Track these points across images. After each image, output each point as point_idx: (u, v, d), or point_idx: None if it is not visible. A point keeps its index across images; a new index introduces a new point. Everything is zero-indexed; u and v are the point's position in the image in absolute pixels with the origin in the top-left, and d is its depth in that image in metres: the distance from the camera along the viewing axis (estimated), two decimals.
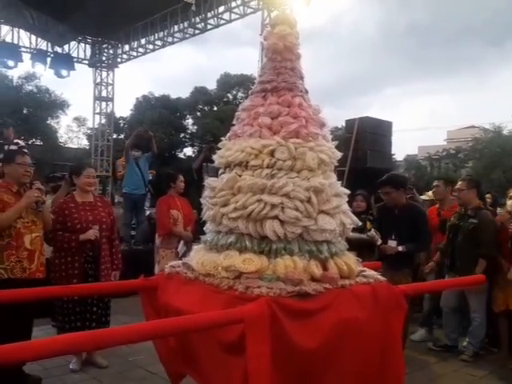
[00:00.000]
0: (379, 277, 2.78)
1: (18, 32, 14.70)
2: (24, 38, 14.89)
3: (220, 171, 2.94)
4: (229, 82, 31.58)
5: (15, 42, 14.60)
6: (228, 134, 3.00)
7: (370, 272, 2.83)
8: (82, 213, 3.95)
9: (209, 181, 2.92)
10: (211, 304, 2.41)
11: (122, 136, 28.52)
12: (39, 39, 15.07)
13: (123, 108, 43.74)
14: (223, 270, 2.56)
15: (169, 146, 28.36)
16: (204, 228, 2.96)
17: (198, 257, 2.79)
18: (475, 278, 3.37)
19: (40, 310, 3.90)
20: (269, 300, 2.22)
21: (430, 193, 6.07)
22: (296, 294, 2.36)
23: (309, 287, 2.41)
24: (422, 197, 6.47)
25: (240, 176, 2.73)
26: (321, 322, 2.32)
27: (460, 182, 4.74)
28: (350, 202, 3.08)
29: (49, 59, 14.95)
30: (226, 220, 2.68)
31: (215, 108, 31.67)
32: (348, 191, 2.90)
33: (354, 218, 2.88)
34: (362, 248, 5.06)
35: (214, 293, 2.50)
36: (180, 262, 2.97)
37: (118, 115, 29.07)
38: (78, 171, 4.07)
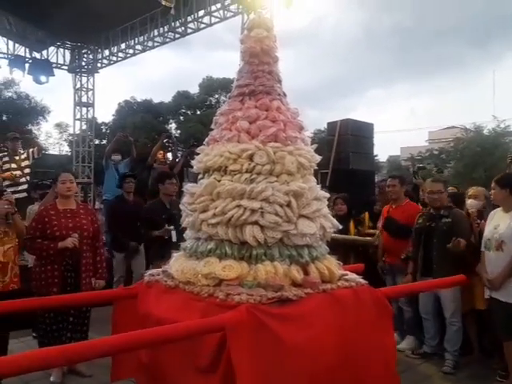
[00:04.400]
0: (361, 280, 2.77)
1: None
2: (1, 43, 14.70)
3: (199, 176, 2.90)
4: (211, 86, 31.56)
5: None
6: (206, 139, 2.97)
7: (351, 275, 2.82)
8: (63, 220, 3.87)
9: (187, 186, 2.88)
10: (191, 312, 2.37)
11: (104, 142, 28.30)
12: (17, 45, 14.86)
13: (105, 113, 43.36)
14: (203, 278, 2.53)
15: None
16: (184, 235, 2.92)
17: (178, 264, 2.74)
18: (456, 279, 3.38)
19: (20, 321, 3.80)
20: (249, 307, 2.19)
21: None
22: (277, 300, 2.33)
23: (290, 293, 2.38)
24: None
25: (219, 181, 2.70)
26: (302, 328, 2.29)
27: (435, 184, 4.59)
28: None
29: (27, 65, 14.71)
30: (206, 226, 2.65)
31: (198, 112, 31.62)
32: (328, 195, 2.89)
33: (335, 221, 2.87)
34: (348, 249, 5.08)
35: (194, 301, 2.46)
36: (160, 269, 2.92)
37: (99, 121, 28.87)
38: (55, 178, 4.01)
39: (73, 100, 16.33)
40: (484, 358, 4.51)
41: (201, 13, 11.99)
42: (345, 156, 9.40)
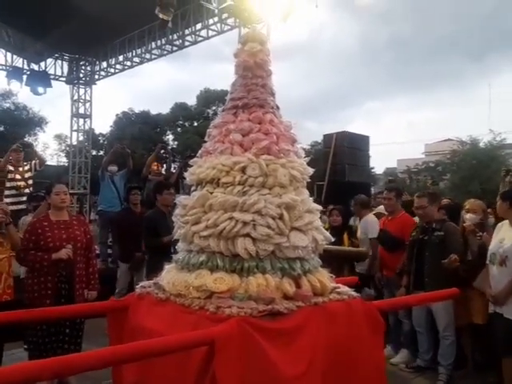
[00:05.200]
0: (353, 293, 2.76)
1: None
2: None
3: (192, 188, 2.91)
4: (209, 98, 31.73)
5: None
6: (199, 151, 2.98)
7: (343, 288, 2.81)
8: (56, 231, 3.86)
9: (180, 198, 2.88)
10: (182, 325, 2.36)
11: (101, 152, 28.32)
12: (15, 56, 14.91)
13: (103, 124, 43.45)
14: (194, 290, 2.51)
15: None
16: (176, 247, 2.91)
17: (169, 276, 2.73)
18: (449, 292, 3.36)
19: (12, 333, 3.77)
20: (239, 320, 2.18)
21: (381, 207, 6.01)
22: (268, 313, 2.32)
23: (281, 306, 2.37)
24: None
25: (211, 193, 2.70)
26: (293, 341, 2.28)
27: (419, 199, 4.61)
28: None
29: (25, 76, 14.75)
30: (198, 238, 2.65)
31: (195, 123, 31.75)
32: (320, 207, 2.89)
33: (327, 233, 2.87)
34: (342, 262, 5.06)
35: (185, 313, 2.45)
36: (151, 282, 2.91)
37: (97, 132, 28.98)
38: (49, 190, 4.00)
39: (70, 111, 16.37)
40: (478, 372, 4.48)
41: (198, 26, 12.07)
42: (341, 168, 9.45)
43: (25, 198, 7.00)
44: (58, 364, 1.65)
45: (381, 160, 30.41)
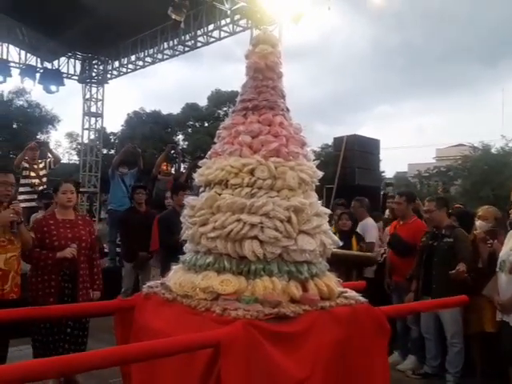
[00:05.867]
0: (360, 298, 2.74)
1: (8, 47, 14.71)
2: (13, 53, 14.92)
3: (200, 190, 2.91)
4: (220, 99, 31.79)
5: (4, 57, 14.59)
6: (209, 152, 2.98)
7: (351, 293, 2.78)
8: (62, 230, 3.87)
9: (188, 199, 2.88)
10: (188, 326, 2.35)
11: (112, 151, 28.50)
12: (29, 55, 15.08)
13: (114, 123, 43.73)
14: (201, 292, 2.50)
15: None
16: (183, 248, 2.91)
17: (176, 277, 2.73)
18: (458, 299, 3.32)
19: (21, 329, 3.79)
20: (245, 323, 2.17)
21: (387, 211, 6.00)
22: (274, 317, 2.31)
23: (287, 309, 2.36)
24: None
25: (220, 195, 2.69)
26: (298, 345, 2.27)
27: (428, 203, 4.62)
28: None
29: (38, 74, 14.92)
30: (205, 240, 2.64)
31: (206, 124, 31.82)
32: (329, 211, 2.87)
33: (335, 237, 2.85)
34: (350, 266, 5.03)
35: (190, 315, 2.44)
36: (158, 282, 2.91)
37: (108, 130, 29.16)
38: (56, 188, 4.01)
39: (82, 110, 16.51)
40: (486, 381, 4.42)
41: (210, 27, 12.14)
42: (351, 171, 9.40)
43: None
44: (63, 363, 1.65)
45: (391, 164, 30.22)
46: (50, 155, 7.90)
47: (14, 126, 28.25)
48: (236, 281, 2.47)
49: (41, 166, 7.47)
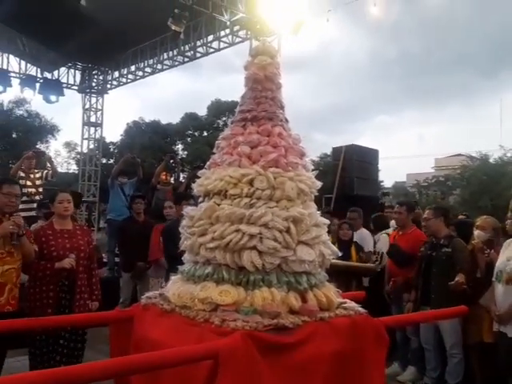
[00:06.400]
0: (360, 309, 2.73)
1: (8, 57, 14.78)
2: (13, 63, 14.98)
3: (199, 200, 2.91)
4: (219, 109, 31.86)
5: (4, 67, 14.65)
6: (208, 163, 2.98)
7: (350, 304, 2.77)
8: (60, 240, 3.86)
9: (187, 210, 2.88)
10: (186, 337, 2.34)
11: (111, 161, 28.51)
12: (29, 65, 15.15)
13: (113, 133, 43.82)
14: (199, 302, 2.50)
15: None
16: (182, 258, 2.91)
17: (175, 288, 2.72)
18: (457, 310, 3.31)
19: (19, 340, 3.75)
20: (244, 334, 2.16)
21: (392, 221, 5.99)
22: (273, 328, 2.30)
23: (286, 320, 2.35)
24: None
25: (219, 205, 2.69)
26: (297, 356, 2.25)
27: (427, 211, 4.65)
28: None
29: (38, 84, 14.97)
30: (204, 250, 2.63)
31: (205, 134, 31.86)
32: (327, 221, 2.87)
33: (334, 248, 2.84)
34: (350, 277, 5.02)
35: (189, 326, 2.43)
36: (157, 292, 2.90)
37: (108, 140, 29.20)
38: (52, 198, 4.00)
39: (81, 119, 16.54)
40: None
41: (210, 38, 12.21)
42: (349, 181, 9.41)
43: (35, 205, 7.04)
44: (60, 375, 1.64)
45: (390, 174, 30.27)
46: (49, 166, 7.89)
47: (14, 135, 28.29)
48: (235, 291, 2.46)
49: (37, 175, 7.43)
